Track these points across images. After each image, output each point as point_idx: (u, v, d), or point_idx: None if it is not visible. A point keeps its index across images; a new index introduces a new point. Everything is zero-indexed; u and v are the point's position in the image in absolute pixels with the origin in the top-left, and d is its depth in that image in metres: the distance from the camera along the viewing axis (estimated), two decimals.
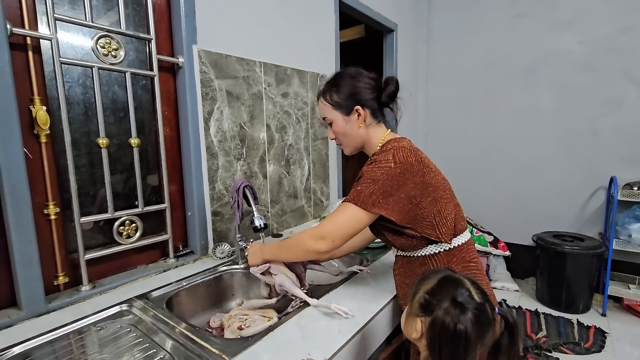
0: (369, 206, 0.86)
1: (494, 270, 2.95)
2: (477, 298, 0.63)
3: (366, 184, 0.87)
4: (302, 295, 0.97)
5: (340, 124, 0.99)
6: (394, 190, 0.86)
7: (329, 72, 1.99)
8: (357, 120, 0.98)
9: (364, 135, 0.99)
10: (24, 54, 0.96)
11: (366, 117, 0.97)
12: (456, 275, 0.68)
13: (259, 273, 1.04)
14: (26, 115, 0.96)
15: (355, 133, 0.99)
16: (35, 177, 0.98)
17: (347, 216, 0.89)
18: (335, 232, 0.89)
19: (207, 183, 1.38)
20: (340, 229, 0.89)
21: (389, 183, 0.86)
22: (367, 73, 0.99)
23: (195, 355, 0.78)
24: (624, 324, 2.37)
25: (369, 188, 0.87)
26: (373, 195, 0.86)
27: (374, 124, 1.00)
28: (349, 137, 1.00)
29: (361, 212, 0.87)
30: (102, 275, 1.15)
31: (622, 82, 2.53)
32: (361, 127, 0.98)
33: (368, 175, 0.89)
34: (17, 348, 0.82)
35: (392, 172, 0.87)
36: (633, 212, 2.44)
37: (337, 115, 0.99)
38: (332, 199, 2.10)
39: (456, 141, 3.25)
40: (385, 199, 0.86)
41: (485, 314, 0.62)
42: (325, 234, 0.89)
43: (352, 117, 0.98)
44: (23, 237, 0.91)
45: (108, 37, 1.10)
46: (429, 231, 0.90)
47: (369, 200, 0.86)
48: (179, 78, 1.30)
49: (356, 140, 1.01)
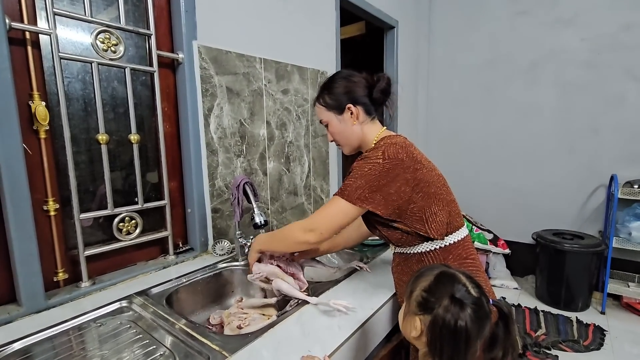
0: (355, 200, 0.88)
1: (493, 268, 2.95)
2: (473, 292, 0.64)
3: (354, 179, 0.90)
4: (301, 296, 0.97)
5: (335, 124, 1.01)
6: (382, 186, 0.87)
7: (329, 69, 1.98)
8: (350, 118, 0.99)
9: (358, 132, 1.00)
10: (23, 49, 0.96)
11: (359, 115, 0.99)
12: (451, 271, 0.68)
13: (257, 281, 1.05)
14: (25, 110, 0.96)
15: (349, 131, 1.00)
16: (34, 173, 0.98)
17: (335, 209, 0.91)
18: (323, 224, 0.92)
19: (207, 180, 1.37)
20: (328, 222, 0.92)
21: (377, 178, 0.88)
22: (358, 73, 1.01)
23: (195, 352, 0.78)
24: (623, 321, 2.38)
25: (356, 182, 0.89)
26: (359, 190, 0.88)
27: (368, 121, 1.01)
28: (345, 136, 1.02)
29: (348, 205, 0.89)
30: (102, 272, 1.15)
31: (624, 80, 2.52)
32: (355, 124, 0.99)
33: (357, 170, 0.91)
34: (17, 344, 0.82)
35: (380, 167, 0.88)
36: (633, 210, 2.44)
37: (331, 116, 1.01)
38: (332, 196, 2.09)
39: (457, 138, 3.23)
40: (371, 194, 0.88)
41: (483, 308, 0.63)
42: (314, 226, 0.92)
43: (345, 115, 0.99)
44: (22, 233, 0.91)
45: (107, 32, 1.09)
46: (418, 226, 0.91)
47: (355, 194, 0.88)
48: (179, 74, 1.29)
49: (352, 139, 1.02)
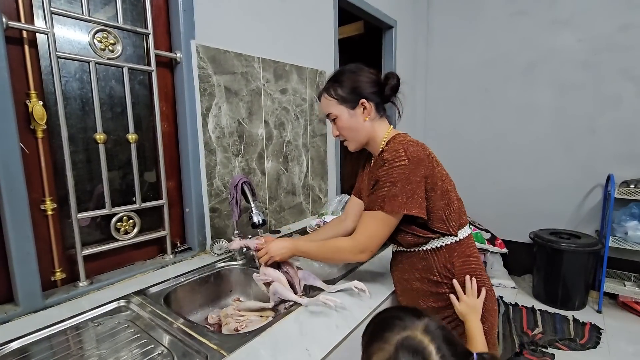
0: (397, 209, 0.88)
1: (491, 267, 2.96)
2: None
3: (388, 188, 0.88)
4: (294, 298, 0.98)
5: (346, 119, 0.99)
6: (415, 188, 0.87)
7: (327, 68, 1.98)
8: (362, 114, 0.98)
9: (369, 129, 1.00)
10: (20, 47, 0.95)
11: (371, 111, 0.98)
12: (417, 340, 0.53)
13: (261, 282, 1.04)
14: (22, 110, 0.95)
15: (360, 127, 0.99)
16: (31, 172, 0.98)
17: (378, 225, 0.92)
18: (373, 243, 0.94)
19: (205, 179, 1.37)
20: (375, 240, 0.93)
21: (408, 181, 0.87)
22: (367, 68, 1.00)
23: (194, 351, 0.78)
24: (619, 320, 2.39)
25: (391, 191, 0.88)
26: (397, 197, 0.87)
27: (378, 118, 1.00)
28: (355, 132, 1.00)
29: (389, 217, 0.89)
30: (99, 271, 1.14)
31: (621, 80, 2.53)
32: (366, 120, 0.98)
33: (386, 178, 0.89)
34: (14, 343, 0.82)
35: (408, 170, 0.87)
36: (629, 210, 2.45)
37: (342, 109, 0.99)
38: (330, 195, 2.10)
39: (455, 138, 3.25)
40: (409, 199, 0.87)
41: None
42: (364, 247, 0.94)
43: (357, 110, 0.98)
44: (20, 232, 0.91)
45: (105, 31, 1.09)
46: (439, 224, 0.91)
47: (395, 203, 0.87)
48: (177, 73, 1.29)
49: (362, 135, 1.00)
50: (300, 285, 1.04)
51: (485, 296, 0.94)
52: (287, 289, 1.00)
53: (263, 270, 1.04)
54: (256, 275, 1.05)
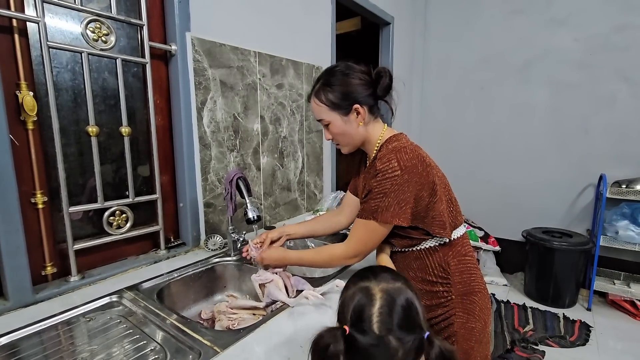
0: (389, 219, 0.88)
1: (483, 264, 2.99)
2: (375, 329, 0.51)
3: (380, 199, 0.88)
4: (282, 298, 0.98)
5: (339, 125, 0.96)
6: (407, 197, 0.87)
7: (324, 64, 1.97)
8: (356, 120, 0.95)
9: (363, 133, 0.97)
10: (10, 36, 0.93)
11: (365, 116, 0.94)
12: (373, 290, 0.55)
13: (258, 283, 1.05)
14: (12, 100, 0.93)
15: (354, 132, 0.96)
16: (22, 165, 0.96)
17: (371, 234, 0.93)
18: (363, 249, 0.97)
19: (200, 174, 1.36)
20: (367, 246, 0.97)
21: (401, 192, 0.87)
22: (358, 67, 0.94)
23: (187, 347, 0.78)
24: (608, 318, 2.43)
25: (384, 202, 0.88)
26: (390, 208, 0.88)
27: (372, 120, 0.98)
28: (348, 137, 0.98)
29: (381, 227, 0.91)
30: (91, 266, 1.13)
31: (615, 81, 2.55)
32: (360, 125, 0.95)
33: (379, 189, 0.89)
34: (3, 339, 0.80)
35: (401, 180, 0.87)
36: (621, 210, 2.48)
37: (334, 116, 0.95)
38: (325, 192, 2.09)
39: (450, 136, 3.26)
40: (401, 208, 0.88)
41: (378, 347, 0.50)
42: (356, 253, 0.98)
43: (350, 116, 0.94)
44: (9, 226, 0.89)
45: (98, 21, 1.06)
46: (437, 229, 0.91)
47: (388, 213, 0.88)
48: (172, 66, 1.27)
49: (355, 140, 0.98)
50: (293, 289, 1.06)
51: (479, 294, 0.95)
52: (282, 292, 1.01)
53: (261, 272, 1.07)
54: (254, 276, 1.06)
